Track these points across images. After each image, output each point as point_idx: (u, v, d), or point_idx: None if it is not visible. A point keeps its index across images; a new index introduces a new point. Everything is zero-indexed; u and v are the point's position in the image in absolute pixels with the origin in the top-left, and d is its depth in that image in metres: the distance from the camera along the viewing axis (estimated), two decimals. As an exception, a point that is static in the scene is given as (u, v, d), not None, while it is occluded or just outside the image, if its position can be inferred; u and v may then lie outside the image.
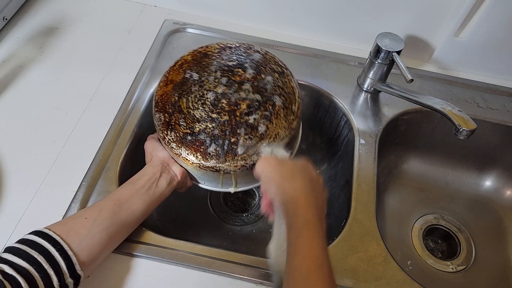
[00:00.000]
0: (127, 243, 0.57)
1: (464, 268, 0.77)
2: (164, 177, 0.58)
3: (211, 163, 0.58)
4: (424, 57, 0.85)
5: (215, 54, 0.68)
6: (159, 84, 0.66)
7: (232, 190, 0.63)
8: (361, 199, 0.65)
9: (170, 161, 0.61)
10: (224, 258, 0.57)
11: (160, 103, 0.63)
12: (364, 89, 0.78)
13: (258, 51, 0.69)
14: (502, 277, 0.77)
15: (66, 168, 0.64)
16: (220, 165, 0.58)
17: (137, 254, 0.57)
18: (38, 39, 0.80)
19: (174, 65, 0.67)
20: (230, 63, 0.66)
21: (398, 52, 0.69)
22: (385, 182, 0.85)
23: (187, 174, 0.62)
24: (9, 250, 0.45)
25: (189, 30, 0.85)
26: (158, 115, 0.62)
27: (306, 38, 0.86)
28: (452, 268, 0.77)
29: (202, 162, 0.58)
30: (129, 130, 0.69)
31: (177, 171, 0.60)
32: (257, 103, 0.62)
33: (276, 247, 0.52)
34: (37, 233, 0.47)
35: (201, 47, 0.69)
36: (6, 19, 0.81)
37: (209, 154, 0.58)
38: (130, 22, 0.86)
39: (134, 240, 0.58)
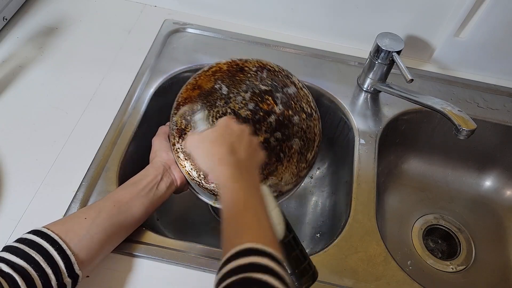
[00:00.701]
0: (127, 243, 0.57)
1: (464, 268, 0.77)
2: (165, 181, 0.58)
3: (211, 186, 0.58)
4: (424, 57, 0.85)
5: (252, 72, 0.64)
6: (186, 85, 0.63)
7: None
8: (361, 199, 0.65)
9: (173, 165, 0.61)
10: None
11: (181, 107, 0.61)
12: (364, 89, 0.78)
13: (294, 84, 0.65)
14: (502, 277, 0.77)
15: (66, 168, 0.64)
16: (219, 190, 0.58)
17: (137, 254, 0.57)
18: (38, 39, 0.80)
19: (208, 70, 0.64)
20: (263, 88, 0.63)
21: (398, 52, 0.69)
22: (385, 182, 0.85)
23: (186, 182, 0.62)
24: (6, 249, 0.45)
25: (189, 30, 0.85)
26: (175, 119, 0.60)
27: (306, 38, 0.86)
28: (452, 268, 0.77)
29: (203, 182, 0.58)
30: (129, 130, 0.69)
31: (177, 176, 0.60)
32: (275, 140, 0.60)
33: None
34: (35, 232, 0.47)
35: (240, 60, 0.65)
36: (6, 19, 0.81)
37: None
38: (130, 22, 0.86)
39: (134, 240, 0.58)
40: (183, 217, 0.80)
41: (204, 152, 0.51)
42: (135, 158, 0.69)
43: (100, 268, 0.55)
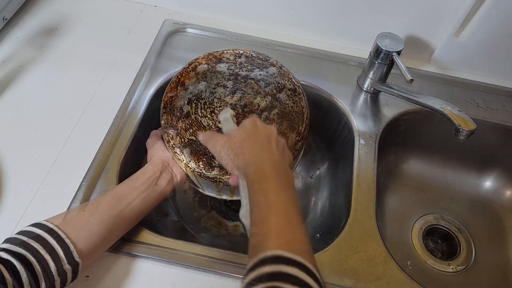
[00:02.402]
0: (127, 243, 0.57)
1: (464, 269, 0.77)
2: (164, 177, 0.58)
3: (212, 173, 0.58)
4: (424, 57, 0.85)
5: (231, 62, 0.66)
6: (170, 84, 0.65)
7: (228, 198, 0.63)
8: (361, 200, 0.65)
9: (171, 162, 0.61)
10: (224, 259, 0.57)
11: (168, 105, 0.62)
12: (364, 89, 0.78)
13: (273, 64, 0.67)
14: (502, 277, 0.77)
15: (66, 168, 0.64)
16: (221, 177, 0.58)
17: (137, 254, 0.57)
18: (38, 39, 0.80)
19: (188, 67, 0.66)
20: (244, 73, 0.65)
21: (398, 52, 0.69)
22: (385, 182, 0.85)
23: (186, 177, 0.62)
24: (7, 240, 0.46)
25: (189, 30, 0.85)
26: (165, 117, 0.61)
27: (306, 38, 0.86)
28: (452, 269, 0.77)
29: (204, 171, 0.58)
30: (129, 130, 0.69)
31: (177, 172, 0.61)
32: (265, 119, 0.61)
33: (246, 213, 0.49)
34: (34, 224, 0.48)
35: (217, 51, 0.67)
36: (6, 19, 0.81)
37: (211, 164, 0.58)
38: (130, 22, 0.86)
39: (134, 240, 0.58)
40: (183, 217, 0.80)
41: (235, 152, 0.49)
42: (135, 158, 0.69)
43: (100, 268, 0.55)
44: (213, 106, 0.61)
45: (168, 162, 0.61)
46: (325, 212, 0.79)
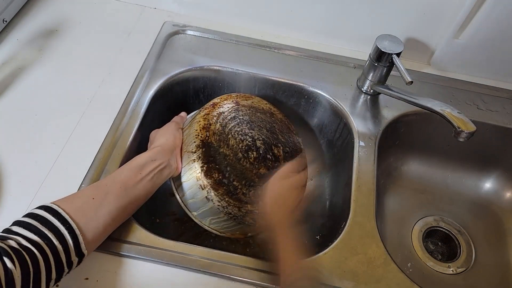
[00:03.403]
0: (127, 245, 0.57)
1: (464, 270, 0.77)
2: (168, 168, 0.59)
3: (209, 182, 0.58)
4: (424, 59, 0.85)
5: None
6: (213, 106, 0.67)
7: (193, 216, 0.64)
8: (360, 201, 0.65)
9: (178, 154, 0.61)
10: (224, 260, 0.57)
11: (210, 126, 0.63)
12: (364, 91, 0.78)
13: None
14: (502, 279, 0.76)
15: (66, 170, 0.64)
16: (215, 198, 0.58)
17: (137, 256, 0.56)
18: (37, 41, 0.80)
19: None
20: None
21: (398, 54, 0.69)
22: (384, 184, 0.85)
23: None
24: (18, 223, 0.45)
25: (189, 32, 0.85)
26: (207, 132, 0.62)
27: (305, 40, 0.86)
28: (452, 270, 0.77)
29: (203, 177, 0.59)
30: (129, 131, 0.69)
31: (179, 165, 0.61)
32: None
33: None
34: (46, 208, 0.47)
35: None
36: (6, 21, 0.81)
37: (220, 182, 0.59)
38: (129, 24, 0.86)
39: (134, 242, 0.57)
40: (183, 219, 0.79)
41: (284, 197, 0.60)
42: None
43: (99, 270, 0.55)
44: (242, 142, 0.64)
45: (176, 153, 0.61)
46: (325, 214, 0.79)
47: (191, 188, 0.60)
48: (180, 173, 0.62)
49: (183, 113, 0.71)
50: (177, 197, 0.63)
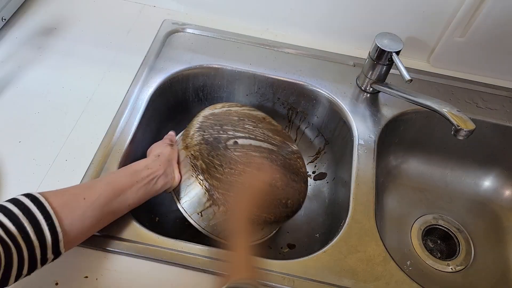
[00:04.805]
0: (126, 243, 0.57)
1: (463, 268, 0.77)
2: (163, 177, 0.58)
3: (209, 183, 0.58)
4: (423, 57, 0.85)
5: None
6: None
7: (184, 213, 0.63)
8: (360, 200, 0.65)
9: (175, 165, 0.61)
10: (224, 259, 0.57)
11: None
12: (363, 89, 0.78)
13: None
14: (501, 277, 0.77)
15: (65, 169, 0.64)
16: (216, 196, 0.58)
17: (137, 254, 0.56)
18: (37, 39, 0.80)
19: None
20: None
21: (397, 52, 0.69)
22: (384, 182, 0.85)
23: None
24: (2, 209, 0.44)
25: (188, 30, 0.85)
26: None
27: (305, 39, 0.86)
28: (451, 268, 0.77)
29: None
30: (128, 130, 0.69)
31: (177, 176, 0.61)
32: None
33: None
34: (33, 198, 0.46)
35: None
36: (5, 19, 0.81)
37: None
38: (129, 22, 0.85)
39: (133, 240, 0.57)
40: (182, 217, 0.79)
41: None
42: (134, 158, 0.69)
43: (99, 268, 0.55)
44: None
45: (173, 164, 0.61)
46: (324, 212, 0.79)
47: (193, 197, 0.61)
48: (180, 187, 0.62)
49: (171, 132, 0.70)
50: (178, 206, 0.63)
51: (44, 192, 0.47)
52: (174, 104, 0.82)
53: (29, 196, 0.46)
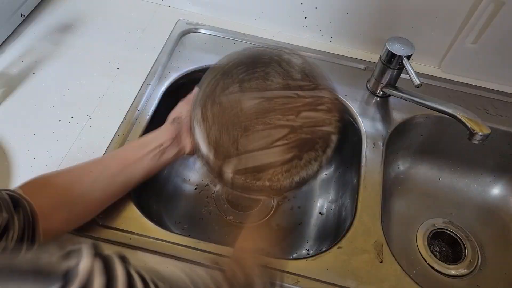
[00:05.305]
0: (135, 236, 0.58)
1: (469, 274, 0.76)
2: (173, 147, 0.58)
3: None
4: (435, 63, 0.85)
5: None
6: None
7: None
8: (367, 202, 0.66)
9: (185, 132, 0.59)
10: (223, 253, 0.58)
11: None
12: (374, 93, 0.78)
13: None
14: (507, 283, 0.76)
15: (77, 162, 0.63)
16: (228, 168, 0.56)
17: (144, 248, 0.57)
18: (54, 36, 0.82)
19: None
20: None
21: (408, 57, 0.69)
22: (391, 186, 0.85)
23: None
24: None
25: (202, 30, 0.86)
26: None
27: (317, 42, 0.87)
28: (456, 273, 0.76)
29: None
30: (140, 127, 0.70)
31: (187, 144, 0.59)
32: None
33: None
34: (15, 201, 0.44)
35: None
36: (24, 15, 0.83)
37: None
38: (144, 21, 0.87)
39: (142, 234, 0.58)
40: (190, 213, 0.80)
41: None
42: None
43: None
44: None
45: (184, 130, 0.59)
46: (330, 214, 0.79)
47: None
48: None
49: (196, 88, 0.66)
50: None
51: (48, 175, 0.50)
52: (186, 103, 0.83)
53: (11, 195, 0.45)
